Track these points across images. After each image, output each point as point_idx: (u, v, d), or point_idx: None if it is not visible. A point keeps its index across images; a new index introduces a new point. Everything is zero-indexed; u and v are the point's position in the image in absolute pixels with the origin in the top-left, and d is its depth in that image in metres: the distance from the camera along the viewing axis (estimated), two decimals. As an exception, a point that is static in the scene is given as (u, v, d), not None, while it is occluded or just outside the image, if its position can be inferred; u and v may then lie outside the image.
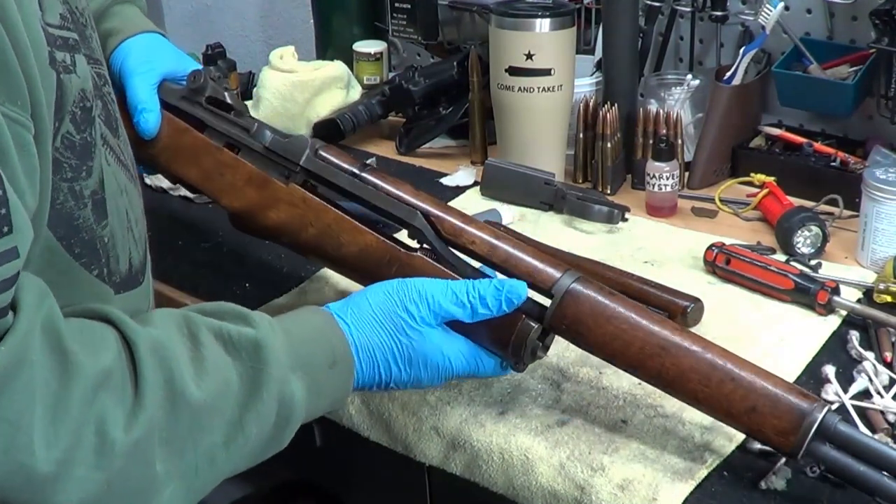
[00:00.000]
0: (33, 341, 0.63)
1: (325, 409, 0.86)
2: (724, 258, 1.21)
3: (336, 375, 0.84)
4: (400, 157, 1.66)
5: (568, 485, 0.91)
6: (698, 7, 1.55)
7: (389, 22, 1.82)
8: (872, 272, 1.22)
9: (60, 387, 0.64)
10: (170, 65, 1.10)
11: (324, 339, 0.84)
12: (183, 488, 0.71)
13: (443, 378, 0.90)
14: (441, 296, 0.88)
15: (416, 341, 0.87)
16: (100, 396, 0.66)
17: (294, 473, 1.39)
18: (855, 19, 1.45)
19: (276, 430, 0.78)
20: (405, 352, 0.87)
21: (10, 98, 0.64)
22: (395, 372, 0.87)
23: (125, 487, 0.67)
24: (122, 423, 0.66)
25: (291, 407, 0.78)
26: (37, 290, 0.66)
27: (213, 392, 0.72)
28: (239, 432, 0.74)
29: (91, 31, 0.83)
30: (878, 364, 1.03)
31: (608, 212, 1.35)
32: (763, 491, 0.87)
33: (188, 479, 0.72)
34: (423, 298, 0.88)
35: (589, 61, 1.62)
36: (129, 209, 0.84)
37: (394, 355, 0.87)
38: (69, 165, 0.73)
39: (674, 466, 0.90)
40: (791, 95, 1.47)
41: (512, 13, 1.44)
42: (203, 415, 0.72)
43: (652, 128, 1.45)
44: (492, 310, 0.88)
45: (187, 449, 0.71)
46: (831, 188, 1.36)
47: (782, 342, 1.09)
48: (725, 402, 0.85)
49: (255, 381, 0.75)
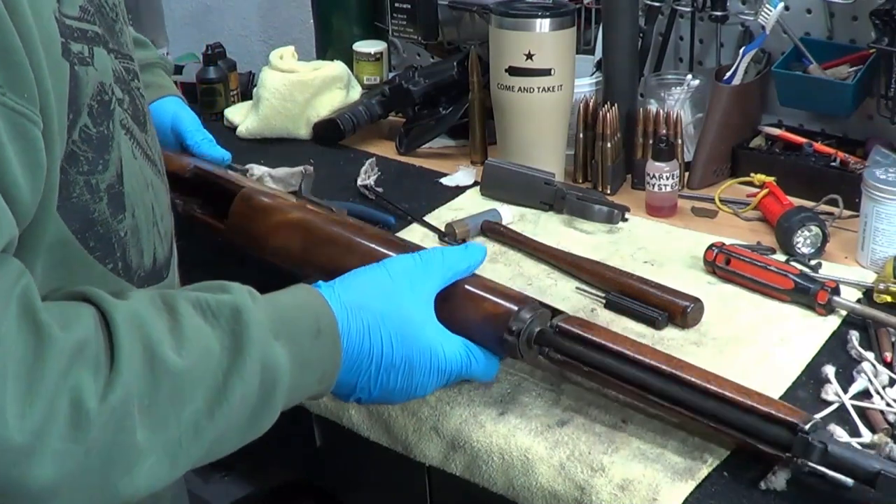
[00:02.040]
0: (6, 315, 0.62)
1: (314, 386, 0.83)
2: (724, 258, 1.20)
3: (321, 346, 0.81)
4: (400, 157, 1.66)
5: (568, 485, 0.91)
6: (698, 7, 1.55)
7: (389, 22, 1.82)
8: (872, 272, 1.22)
9: (34, 359, 0.63)
10: (166, 140, 1.24)
11: (307, 309, 0.82)
12: (166, 460, 0.69)
13: (434, 367, 0.88)
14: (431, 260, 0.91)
15: (407, 311, 0.86)
16: (74, 367, 0.65)
17: (294, 473, 1.39)
18: (855, 19, 1.45)
19: (262, 398, 0.75)
20: (396, 322, 0.86)
21: (15, 89, 0.64)
22: (386, 347, 0.85)
23: (104, 458, 0.65)
24: (97, 392, 0.65)
25: (276, 372, 0.76)
26: (14, 269, 0.65)
27: (194, 359, 0.70)
28: (223, 398, 0.72)
29: (122, 25, 0.83)
30: (878, 364, 1.03)
31: (608, 212, 1.35)
32: (763, 491, 0.87)
33: (171, 451, 0.69)
34: (413, 263, 0.89)
35: (589, 61, 1.62)
36: (155, 204, 0.84)
37: (384, 322, 0.85)
38: (85, 158, 0.73)
39: (674, 466, 0.90)
40: (791, 95, 1.47)
41: (512, 13, 1.44)
42: (184, 382, 0.70)
43: (652, 128, 1.46)
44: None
45: (170, 418, 0.69)
46: (831, 188, 1.36)
47: (782, 342, 1.09)
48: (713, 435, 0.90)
49: (237, 345, 0.73)
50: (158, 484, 0.70)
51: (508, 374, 1.04)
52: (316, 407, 1.11)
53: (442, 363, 0.89)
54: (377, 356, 0.85)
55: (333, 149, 1.70)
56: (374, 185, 1.51)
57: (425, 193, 1.50)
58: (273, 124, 1.74)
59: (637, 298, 1.14)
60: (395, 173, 1.59)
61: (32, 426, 0.61)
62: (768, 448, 0.85)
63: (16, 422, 0.61)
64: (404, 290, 0.88)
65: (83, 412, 0.64)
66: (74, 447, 0.63)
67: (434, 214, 1.42)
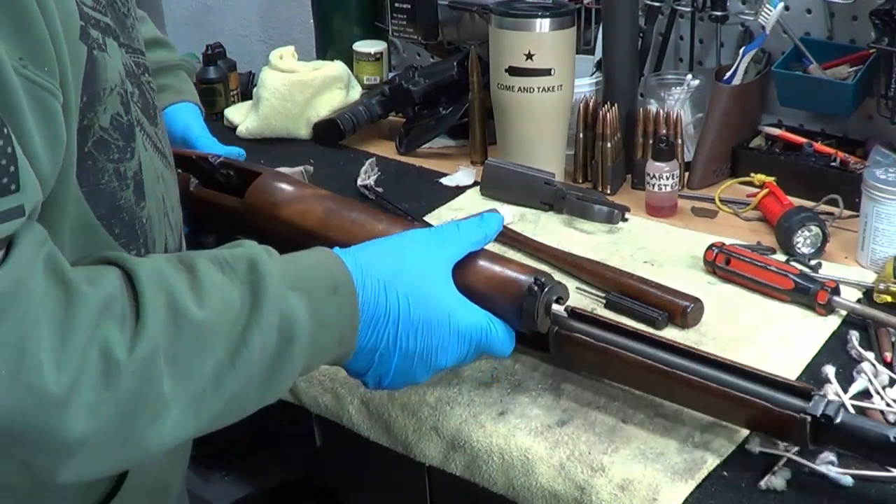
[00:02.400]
0: (34, 272, 0.63)
1: (334, 347, 0.82)
2: (724, 258, 1.20)
3: (339, 302, 0.81)
4: (400, 157, 1.66)
5: (568, 485, 0.91)
6: (698, 7, 1.55)
7: (389, 22, 1.82)
8: (872, 272, 1.22)
9: (65, 313, 0.64)
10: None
11: (323, 266, 0.82)
12: (190, 411, 0.70)
13: (454, 330, 0.87)
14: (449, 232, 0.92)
15: (423, 274, 0.86)
16: (103, 321, 0.66)
17: (294, 473, 1.39)
18: (855, 19, 1.45)
19: (280, 349, 0.75)
20: (412, 282, 0.85)
21: (36, 63, 0.64)
22: (402, 305, 0.85)
23: (134, 408, 0.66)
24: (125, 344, 0.66)
25: (293, 323, 0.76)
26: (39, 233, 0.66)
27: (214, 310, 0.71)
28: (243, 347, 0.72)
29: (133, 21, 0.84)
30: (878, 364, 1.03)
31: (608, 212, 1.35)
32: (763, 491, 0.87)
33: (196, 402, 0.70)
34: (429, 233, 0.90)
35: (589, 61, 1.62)
36: (166, 196, 0.85)
37: (400, 281, 0.85)
38: (116, 146, 0.75)
39: (674, 466, 0.90)
40: (791, 95, 1.47)
41: (512, 13, 1.44)
42: (206, 332, 0.71)
43: (652, 128, 1.46)
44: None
45: (193, 369, 0.70)
46: (831, 188, 1.36)
47: (782, 342, 1.09)
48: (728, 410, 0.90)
49: (254, 295, 0.74)
50: (183, 435, 0.71)
51: (508, 373, 1.04)
52: (316, 407, 1.11)
53: (462, 327, 0.88)
54: (394, 314, 0.84)
55: (333, 149, 1.70)
56: (374, 185, 1.51)
57: (425, 193, 1.50)
58: (273, 124, 1.74)
59: (637, 298, 1.14)
60: (395, 173, 1.59)
61: (67, 378, 0.63)
62: (786, 410, 0.85)
63: (52, 373, 0.62)
64: (420, 255, 0.89)
65: (113, 363, 0.65)
66: (106, 398, 0.65)
67: (434, 214, 1.42)
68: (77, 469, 0.66)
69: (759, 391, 0.87)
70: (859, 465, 0.89)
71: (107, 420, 0.65)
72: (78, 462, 0.66)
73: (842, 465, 0.89)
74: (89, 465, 0.67)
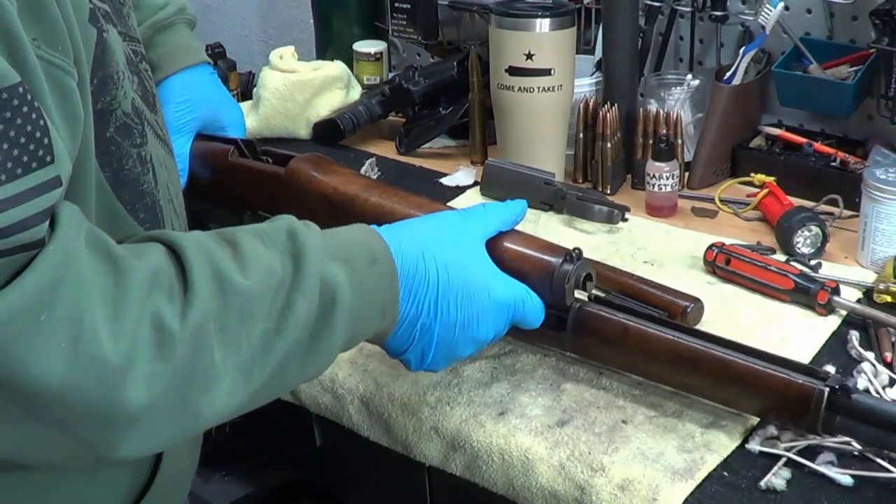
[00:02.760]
0: (79, 247, 0.64)
1: (377, 319, 0.83)
2: (724, 258, 1.21)
3: (378, 272, 0.82)
4: (400, 157, 1.66)
5: (568, 485, 0.91)
6: (698, 7, 1.55)
7: (389, 22, 1.82)
8: (872, 272, 1.22)
9: (115, 285, 0.64)
10: (207, 112, 1.18)
11: (361, 239, 0.83)
12: (241, 380, 0.71)
13: (493, 297, 0.88)
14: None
15: (458, 244, 0.88)
16: (153, 292, 0.66)
17: (294, 473, 1.39)
18: (855, 19, 1.45)
19: (322, 313, 0.76)
20: (448, 251, 0.87)
21: (50, 43, 0.65)
22: (441, 272, 0.85)
23: (188, 378, 0.67)
24: (177, 314, 0.66)
25: (334, 288, 0.76)
26: (76, 211, 0.66)
27: (258, 279, 0.72)
28: (288, 314, 0.73)
29: (129, 9, 0.84)
30: (878, 364, 1.03)
31: (608, 212, 1.35)
32: (763, 491, 0.87)
33: (245, 371, 0.71)
34: (458, 213, 0.93)
35: (589, 61, 1.62)
36: (170, 183, 0.86)
37: (437, 250, 0.86)
38: (137, 131, 0.76)
39: (674, 466, 0.90)
40: (791, 95, 1.47)
41: (512, 13, 1.44)
42: (252, 301, 0.71)
43: (652, 128, 1.45)
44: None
45: (241, 338, 0.70)
46: (831, 188, 1.36)
47: (782, 342, 1.09)
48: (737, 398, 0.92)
49: (296, 263, 0.75)
50: (235, 405, 0.71)
51: (508, 373, 1.04)
52: (316, 407, 1.11)
53: (500, 295, 0.89)
54: (433, 281, 0.85)
55: (333, 149, 1.70)
56: (374, 185, 1.51)
57: (425, 193, 1.47)
58: (273, 124, 1.74)
59: (637, 298, 1.14)
60: (395, 173, 1.59)
61: (124, 347, 0.63)
62: (806, 380, 0.87)
63: (110, 344, 0.62)
64: (455, 230, 0.91)
65: (166, 333, 0.65)
66: (162, 368, 0.65)
67: (434, 214, 1.42)
68: (137, 442, 0.67)
69: (778, 368, 0.89)
70: (859, 465, 0.89)
71: (164, 390, 0.65)
72: (138, 434, 0.66)
73: (842, 465, 0.89)
74: (149, 437, 0.67)
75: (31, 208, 0.61)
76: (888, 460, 0.88)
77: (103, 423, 0.64)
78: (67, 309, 0.61)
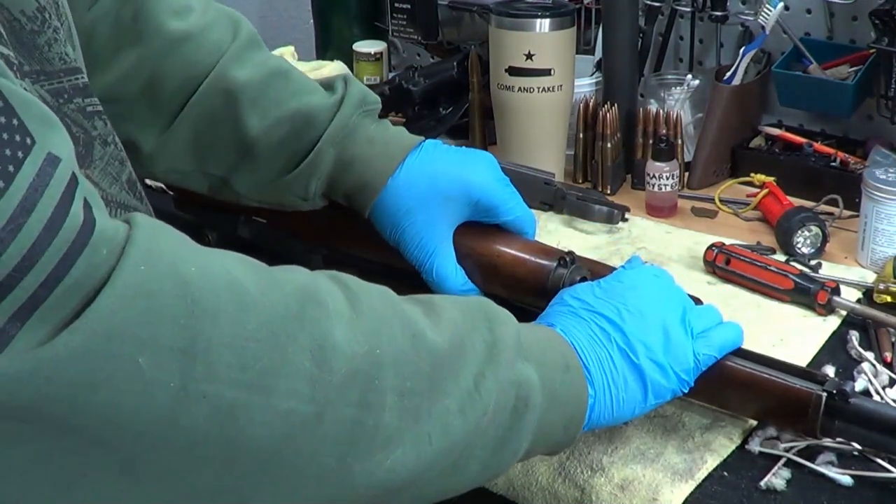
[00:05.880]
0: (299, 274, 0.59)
1: (559, 432, 0.76)
2: (724, 258, 1.20)
3: (570, 381, 0.75)
4: (400, 157, 1.66)
5: (568, 485, 0.91)
6: (698, 7, 1.55)
7: (389, 22, 1.82)
8: (872, 272, 1.22)
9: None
10: (455, 207, 0.93)
11: (553, 343, 0.77)
12: (413, 455, 0.61)
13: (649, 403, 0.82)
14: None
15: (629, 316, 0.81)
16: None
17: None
18: (855, 19, 1.45)
19: (515, 415, 0.68)
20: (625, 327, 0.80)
21: None
22: (622, 377, 0.79)
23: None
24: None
25: (529, 390, 0.68)
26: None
27: (451, 341, 0.64)
28: (476, 398, 0.64)
29: (52, 34, 0.65)
30: (878, 364, 1.03)
31: (608, 212, 1.35)
32: (763, 491, 0.87)
33: (419, 447, 0.61)
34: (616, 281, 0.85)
35: (589, 61, 1.62)
36: None
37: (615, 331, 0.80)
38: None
39: (674, 466, 0.90)
40: (791, 95, 1.47)
41: (512, 13, 1.44)
42: (442, 367, 0.63)
43: (652, 128, 1.45)
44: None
45: (422, 410, 0.61)
46: (831, 188, 1.36)
47: (782, 342, 1.09)
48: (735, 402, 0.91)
49: (492, 345, 0.66)
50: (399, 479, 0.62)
51: (508, 374, 1.04)
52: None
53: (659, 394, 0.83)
54: (622, 390, 0.80)
55: (333, 149, 1.70)
56: (374, 185, 1.51)
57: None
58: (273, 124, 1.74)
59: (637, 298, 1.14)
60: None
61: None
62: (804, 384, 0.86)
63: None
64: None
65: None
66: (308, 407, 0.55)
67: (434, 214, 1.42)
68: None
69: (776, 372, 0.89)
70: (859, 465, 0.89)
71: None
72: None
73: (842, 465, 0.89)
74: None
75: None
76: (888, 460, 0.88)
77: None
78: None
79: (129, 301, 0.48)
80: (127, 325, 0.48)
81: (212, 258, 0.54)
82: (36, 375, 0.46)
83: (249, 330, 0.52)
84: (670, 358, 0.82)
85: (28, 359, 0.46)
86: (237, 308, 0.52)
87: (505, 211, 0.95)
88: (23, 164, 0.47)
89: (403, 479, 0.61)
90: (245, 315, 0.52)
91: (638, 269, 0.89)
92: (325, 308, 0.57)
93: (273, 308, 0.54)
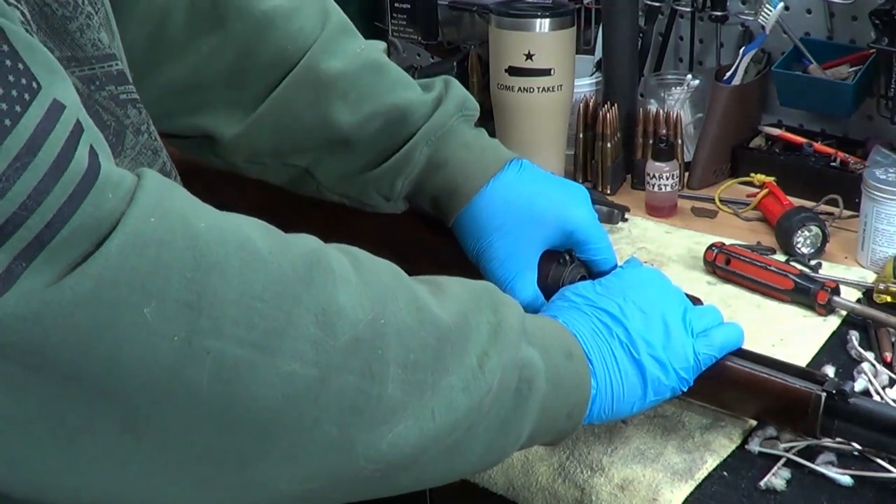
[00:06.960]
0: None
1: (562, 420, 0.75)
2: (724, 258, 1.21)
3: (574, 369, 0.75)
4: (400, 157, 1.66)
5: (568, 485, 0.91)
6: (698, 7, 1.55)
7: (389, 22, 1.82)
8: (872, 272, 1.22)
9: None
10: (548, 233, 0.91)
11: (557, 332, 0.77)
12: (416, 430, 0.60)
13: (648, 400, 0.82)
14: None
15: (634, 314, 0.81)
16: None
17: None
18: (855, 19, 1.45)
19: (518, 397, 0.67)
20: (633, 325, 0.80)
21: None
22: (623, 366, 0.79)
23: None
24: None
25: (533, 373, 0.68)
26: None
27: (456, 319, 0.63)
28: (479, 377, 0.63)
29: (84, 21, 0.65)
30: (878, 364, 1.03)
31: (608, 212, 1.35)
32: (763, 491, 0.87)
33: (422, 422, 0.60)
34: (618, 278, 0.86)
35: (589, 61, 1.62)
36: None
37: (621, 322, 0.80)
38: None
39: (674, 466, 0.90)
40: (791, 95, 1.47)
41: (512, 13, 1.44)
42: (447, 343, 0.62)
43: (652, 128, 1.46)
44: None
45: (426, 385, 0.60)
46: (831, 188, 1.36)
47: (782, 342, 1.09)
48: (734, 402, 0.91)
49: (497, 325, 0.66)
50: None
51: (508, 374, 1.04)
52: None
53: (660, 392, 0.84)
54: (621, 376, 0.80)
55: (333, 149, 1.70)
56: (374, 185, 1.51)
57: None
58: (273, 124, 1.74)
59: (637, 298, 1.14)
60: (395, 173, 1.58)
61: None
62: (803, 384, 0.86)
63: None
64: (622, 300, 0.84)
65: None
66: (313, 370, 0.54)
67: (434, 214, 1.42)
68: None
69: (775, 372, 0.89)
70: (859, 465, 0.89)
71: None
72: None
73: (842, 465, 0.89)
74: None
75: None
76: (888, 460, 0.88)
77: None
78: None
79: (137, 249, 0.48)
80: (134, 274, 0.48)
81: (224, 217, 0.53)
82: (42, 317, 0.46)
83: (256, 289, 0.52)
84: (671, 355, 0.82)
85: (34, 300, 0.46)
86: (245, 266, 0.52)
87: (595, 250, 0.93)
88: (30, 106, 0.47)
89: (406, 455, 0.60)
90: (253, 273, 0.52)
91: (638, 268, 0.90)
92: (331, 273, 0.56)
93: (281, 269, 0.53)
